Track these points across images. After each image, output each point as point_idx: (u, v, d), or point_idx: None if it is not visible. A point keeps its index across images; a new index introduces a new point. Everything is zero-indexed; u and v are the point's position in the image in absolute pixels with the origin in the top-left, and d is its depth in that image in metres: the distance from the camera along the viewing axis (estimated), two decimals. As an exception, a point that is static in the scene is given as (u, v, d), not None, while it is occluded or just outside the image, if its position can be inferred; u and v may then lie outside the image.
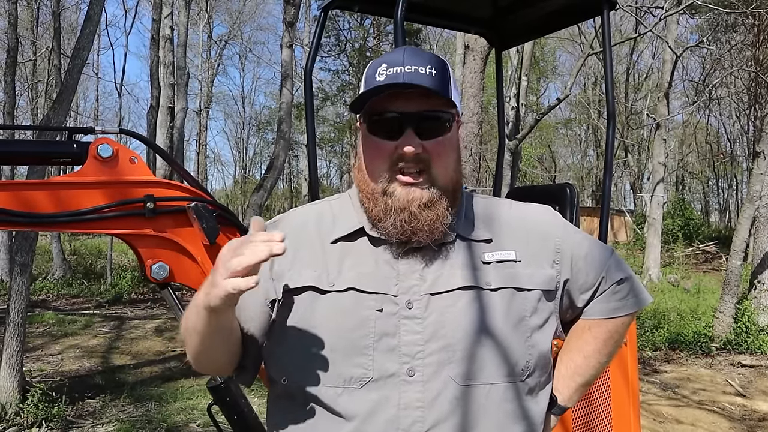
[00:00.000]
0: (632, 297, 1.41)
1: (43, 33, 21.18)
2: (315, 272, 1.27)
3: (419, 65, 1.23)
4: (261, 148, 48.92)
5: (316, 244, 1.32)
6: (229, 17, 40.21)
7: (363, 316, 1.23)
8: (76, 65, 6.31)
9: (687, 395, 7.18)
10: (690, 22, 26.21)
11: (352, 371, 1.21)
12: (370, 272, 1.26)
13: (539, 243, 1.34)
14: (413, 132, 1.23)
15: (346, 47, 25.77)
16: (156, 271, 1.92)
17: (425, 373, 1.19)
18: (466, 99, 8.49)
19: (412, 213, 1.22)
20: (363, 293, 1.24)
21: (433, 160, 1.24)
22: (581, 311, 1.40)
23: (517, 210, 1.40)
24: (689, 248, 23.01)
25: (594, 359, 1.41)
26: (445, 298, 1.23)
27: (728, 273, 9.65)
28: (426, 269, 1.26)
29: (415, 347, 1.20)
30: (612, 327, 1.40)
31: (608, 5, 2.66)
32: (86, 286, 14.04)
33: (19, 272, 6.04)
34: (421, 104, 1.24)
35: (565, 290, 1.35)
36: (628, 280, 1.40)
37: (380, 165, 1.26)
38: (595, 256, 1.38)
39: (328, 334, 1.23)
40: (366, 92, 1.24)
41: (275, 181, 11.34)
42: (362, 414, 1.20)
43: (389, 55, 1.28)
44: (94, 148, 1.87)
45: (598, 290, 1.38)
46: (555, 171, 41.21)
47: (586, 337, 1.41)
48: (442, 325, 1.22)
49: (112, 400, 6.44)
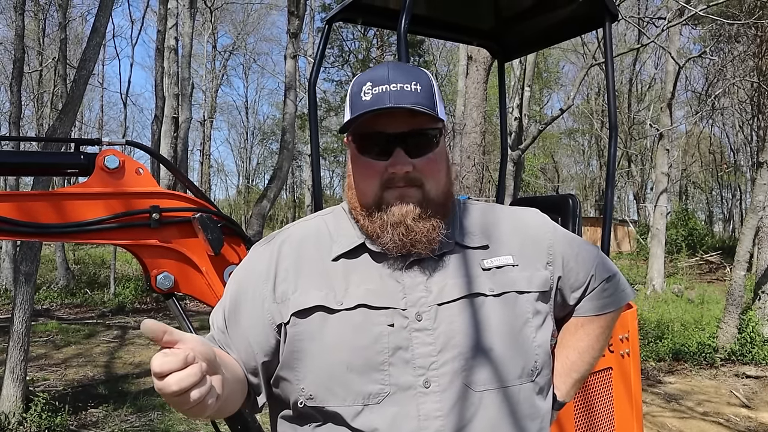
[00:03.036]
0: (620, 293, 1.48)
1: (50, 44, 21.32)
2: (321, 292, 1.26)
3: (404, 82, 1.24)
4: (264, 157, 49.13)
5: (317, 262, 1.31)
6: (234, 28, 40.45)
7: (376, 332, 1.22)
8: (82, 76, 6.36)
9: (691, 407, 7.14)
10: (693, 33, 26.27)
11: (370, 388, 1.21)
12: (376, 288, 1.26)
13: (533, 246, 1.38)
14: (402, 151, 1.25)
15: (350, 58, 25.87)
16: (161, 281, 1.94)
17: (441, 383, 1.21)
18: (469, 109, 8.53)
19: (408, 226, 1.24)
20: (373, 309, 1.24)
21: (425, 176, 1.27)
22: (572, 309, 1.46)
23: (509, 215, 1.44)
24: (693, 258, 22.96)
25: (588, 354, 1.48)
26: (452, 307, 1.25)
27: (732, 283, 9.61)
28: (430, 280, 1.27)
29: (429, 358, 1.21)
30: (603, 323, 1.47)
31: (610, 17, 2.68)
32: (89, 296, 14.06)
33: (24, 282, 6.06)
34: (409, 123, 1.25)
35: (558, 289, 1.40)
36: (615, 277, 1.47)
37: (372, 184, 1.27)
38: (584, 256, 1.43)
39: (342, 353, 1.22)
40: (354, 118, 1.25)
41: (278, 190, 11.35)
42: (383, 428, 1.20)
43: (374, 72, 1.28)
44: (101, 159, 1.89)
45: (588, 288, 1.44)
46: (558, 181, 41.18)
47: (580, 334, 1.47)
48: (452, 334, 1.23)
49: (115, 410, 6.44)
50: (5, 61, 24.72)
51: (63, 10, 16.00)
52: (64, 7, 16.04)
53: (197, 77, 33.65)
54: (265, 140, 47.77)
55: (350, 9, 2.77)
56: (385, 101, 1.22)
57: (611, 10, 2.65)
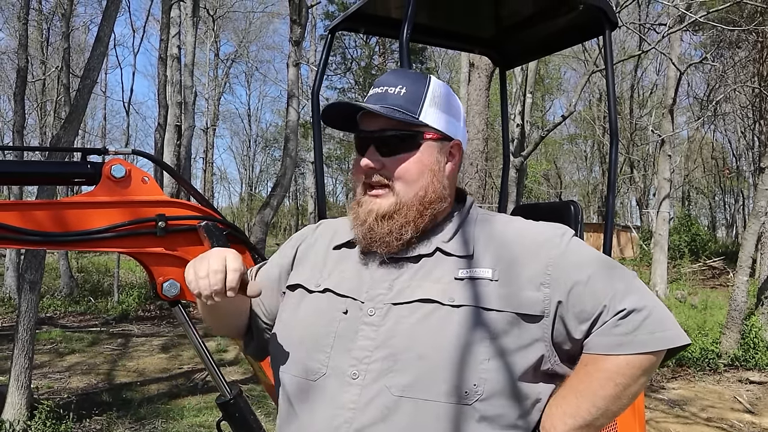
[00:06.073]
0: (645, 334, 1.19)
1: (53, 53, 21.43)
2: (310, 273, 1.41)
3: (392, 86, 1.35)
4: (267, 165, 49.21)
5: (323, 249, 1.45)
6: (236, 36, 40.57)
7: (331, 316, 1.31)
8: (86, 85, 6.41)
9: (695, 412, 7.13)
10: (693, 39, 26.30)
11: (311, 365, 1.29)
12: (349, 277, 1.35)
13: (526, 263, 1.26)
14: (374, 149, 1.33)
15: (352, 65, 25.97)
16: (167, 288, 1.96)
17: (366, 378, 1.23)
18: (471, 116, 8.56)
19: (369, 225, 1.31)
20: (336, 296, 1.33)
21: (393, 176, 1.32)
22: (581, 344, 1.25)
23: (513, 227, 1.35)
24: (696, 264, 22.90)
25: (587, 401, 1.21)
26: (404, 308, 1.25)
27: (735, 288, 9.61)
28: (397, 280, 1.30)
29: (364, 352, 1.24)
30: (612, 366, 1.20)
31: (610, 25, 2.70)
32: (93, 304, 14.09)
33: (29, 290, 6.08)
34: (383, 123, 1.32)
35: (558, 316, 1.23)
36: (639, 314, 1.20)
37: (357, 179, 1.38)
38: (598, 282, 1.23)
39: (301, 328, 1.34)
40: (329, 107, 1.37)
41: (282, 198, 11.38)
42: (307, 405, 1.29)
43: (382, 76, 1.41)
44: (107, 168, 1.91)
45: (597, 321, 1.22)
46: (561, 187, 41.16)
47: (581, 374, 1.24)
48: (393, 334, 1.24)
49: (118, 418, 6.45)
50: (9, 70, 24.88)
51: (66, 20, 16.08)
52: (67, 16, 16.12)
53: (200, 85, 33.78)
54: (267, 148, 47.95)
55: (353, 18, 2.80)
56: (369, 102, 1.34)
57: (611, 18, 2.67)
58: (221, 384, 2.05)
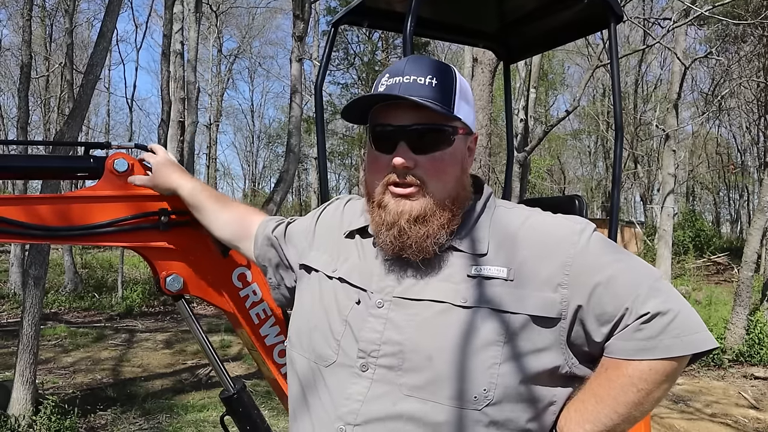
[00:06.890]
0: (669, 338, 1.12)
1: (56, 49, 21.43)
2: (329, 258, 1.40)
3: (419, 75, 1.21)
4: (270, 161, 49.22)
5: (337, 232, 1.42)
6: (239, 32, 40.60)
7: (344, 305, 1.30)
8: (89, 81, 6.40)
9: (699, 408, 7.12)
10: (698, 33, 26.18)
11: (323, 351, 1.29)
12: (363, 267, 1.32)
13: (542, 262, 1.19)
14: (406, 145, 1.21)
15: (355, 61, 25.91)
16: (170, 283, 1.95)
17: (376, 373, 1.21)
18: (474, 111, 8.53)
19: (401, 228, 1.20)
20: (349, 285, 1.31)
21: (428, 175, 1.22)
22: (601, 346, 1.19)
23: (532, 223, 1.26)
24: (700, 260, 22.84)
25: (608, 406, 1.15)
26: (414, 305, 1.22)
27: (740, 284, 9.58)
28: (407, 274, 1.25)
29: (372, 345, 1.23)
30: (633, 372, 1.14)
31: (615, 18, 2.68)
32: (97, 299, 14.13)
33: (33, 285, 6.10)
34: (417, 116, 1.21)
35: (578, 319, 1.18)
36: (664, 317, 1.13)
37: (377, 178, 1.26)
38: (620, 284, 1.16)
39: (318, 313, 1.34)
40: (354, 101, 1.25)
41: (285, 194, 11.37)
42: (316, 391, 1.29)
43: (394, 65, 1.27)
44: (110, 162, 1.90)
45: (619, 324, 1.15)
46: (564, 182, 41.08)
47: (601, 378, 1.18)
48: (399, 331, 1.21)
49: (123, 413, 6.47)
50: (12, 66, 24.91)
51: (69, 16, 16.08)
52: (70, 12, 16.12)
53: (203, 81, 33.80)
54: (270, 143, 47.93)
55: (356, 12, 2.79)
56: (394, 92, 1.20)
57: (616, 11, 2.65)
58: (225, 379, 2.05)
